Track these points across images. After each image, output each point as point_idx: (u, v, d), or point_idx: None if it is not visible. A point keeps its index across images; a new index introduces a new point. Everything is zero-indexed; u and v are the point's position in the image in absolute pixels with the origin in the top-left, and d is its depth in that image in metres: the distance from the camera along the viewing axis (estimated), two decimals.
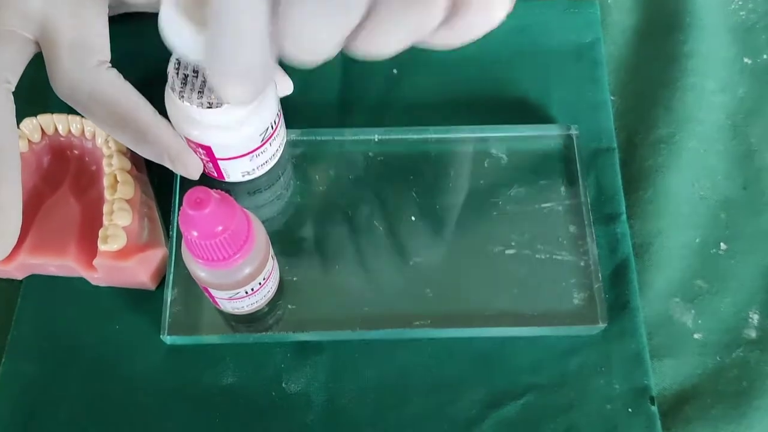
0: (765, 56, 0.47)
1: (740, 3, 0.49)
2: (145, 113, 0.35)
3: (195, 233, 0.29)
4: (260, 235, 0.33)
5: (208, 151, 0.36)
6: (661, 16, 0.48)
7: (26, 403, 0.37)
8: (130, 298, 0.39)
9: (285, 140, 0.41)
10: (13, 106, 0.34)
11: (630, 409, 0.37)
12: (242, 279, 0.33)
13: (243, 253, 0.32)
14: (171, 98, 0.35)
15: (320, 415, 0.37)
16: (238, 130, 0.36)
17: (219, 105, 0.34)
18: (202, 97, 0.34)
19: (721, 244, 0.42)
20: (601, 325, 0.39)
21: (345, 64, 0.45)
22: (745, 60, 0.47)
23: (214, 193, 0.29)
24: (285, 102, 0.41)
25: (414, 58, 0.46)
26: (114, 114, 0.35)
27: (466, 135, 0.43)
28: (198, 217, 0.29)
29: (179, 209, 0.40)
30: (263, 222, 0.41)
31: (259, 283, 0.35)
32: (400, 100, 0.45)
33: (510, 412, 0.37)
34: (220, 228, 0.30)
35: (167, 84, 0.34)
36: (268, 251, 0.34)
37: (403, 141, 0.43)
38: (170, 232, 0.40)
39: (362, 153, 0.42)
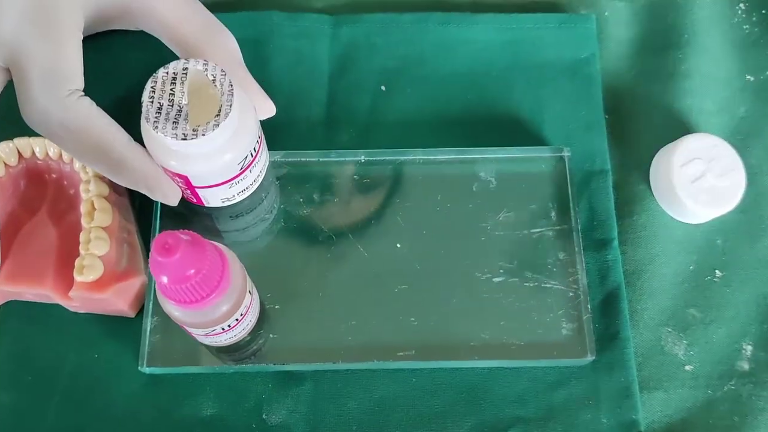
0: None
1: (744, 17, 0.47)
2: (120, 143, 0.34)
3: (165, 279, 0.28)
4: (236, 272, 0.32)
5: (185, 180, 0.35)
6: (660, 31, 0.46)
7: None
8: (109, 325, 0.39)
9: (267, 165, 0.40)
10: None
11: None
12: (219, 317, 0.32)
13: (218, 293, 0.31)
14: (146, 128, 0.34)
15: None
16: (216, 159, 0.34)
17: (194, 136, 0.33)
18: (176, 128, 0.33)
19: (717, 271, 0.41)
20: (590, 358, 0.38)
21: (332, 80, 0.44)
22: (748, 77, 0.46)
23: (183, 236, 0.28)
24: (269, 122, 0.40)
25: (403, 74, 0.45)
26: (87, 144, 0.34)
27: (454, 157, 0.42)
28: (167, 264, 0.28)
29: (159, 232, 0.39)
30: (246, 244, 0.40)
31: (236, 319, 0.34)
32: (388, 118, 0.44)
33: None
34: (192, 271, 0.29)
35: (142, 114, 0.33)
36: (245, 287, 0.33)
37: (390, 162, 0.42)
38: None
39: (348, 175, 0.41)
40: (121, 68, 0.43)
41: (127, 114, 0.37)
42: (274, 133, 0.41)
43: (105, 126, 0.34)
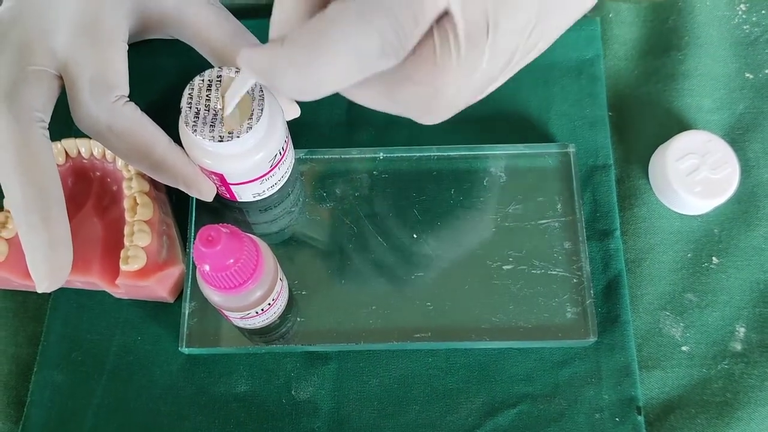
0: (767, 71, 0.48)
1: (744, 17, 0.49)
2: (161, 144, 0.38)
3: (207, 267, 0.32)
4: (269, 261, 0.36)
5: (220, 177, 0.39)
6: (662, 32, 0.49)
7: (56, 409, 0.40)
8: (150, 310, 0.42)
9: (293, 162, 0.43)
10: (51, 145, 0.36)
11: (617, 419, 0.40)
12: (253, 301, 0.36)
13: (253, 280, 0.34)
14: (185, 131, 0.37)
15: (327, 422, 0.40)
16: (248, 158, 0.38)
17: (229, 138, 0.36)
18: (213, 130, 0.36)
19: (713, 258, 0.44)
20: (593, 339, 0.41)
21: None
22: (747, 75, 0.48)
23: (224, 229, 0.31)
24: (295, 123, 0.43)
25: None
26: (132, 145, 0.37)
27: (467, 153, 0.45)
28: (210, 254, 0.31)
29: (196, 227, 0.42)
30: (274, 235, 0.44)
31: (269, 304, 0.37)
32: (404, 118, 0.46)
33: (504, 420, 0.40)
34: (231, 261, 0.32)
35: (181, 117, 0.37)
36: (276, 275, 0.37)
37: (406, 159, 0.45)
38: (187, 248, 0.42)
39: (367, 171, 0.45)
40: (159, 74, 0.46)
41: (163, 115, 0.40)
42: (298, 132, 0.44)
43: (148, 128, 0.38)
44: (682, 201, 0.43)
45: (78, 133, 0.41)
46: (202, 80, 0.37)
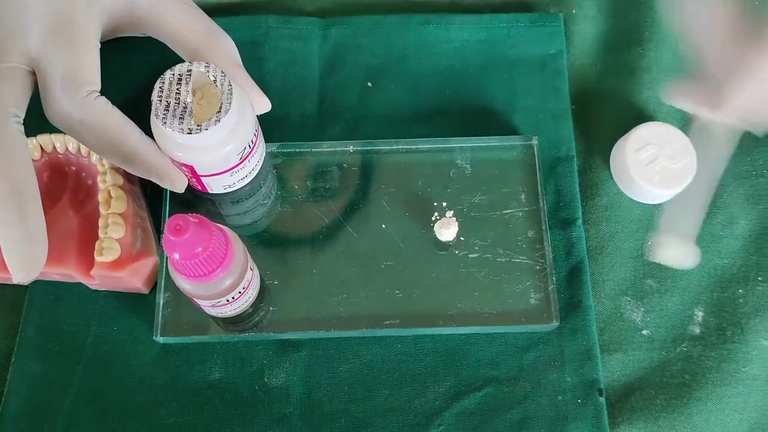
0: None
1: None
2: (133, 137, 0.39)
3: (177, 255, 0.33)
4: (238, 250, 0.37)
5: (191, 169, 0.40)
6: (623, 27, 0.50)
7: (34, 398, 0.41)
8: (125, 301, 0.43)
9: (264, 155, 0.44)
10: (26, 141, 0.37)
11: (580, 400, 0.41)
12: (223, 290, 0.37)
13: (222, 269, 0.35)
14: (155, 123, 0.38)
15: (298, 407, 0.41)
16: (218, 150, 0.39)
17: (198, 131, 0.37)
18: (182, 123, 0.37)
19: None
20: (555, 324, 0.42)
21: (322, 77, 0.48)
22: None
23: (192, 219, 0.32)
24: (266, 116, 0.44)
25: (387, 71, 0.49)
26: (103, 139, 0.38)
27: (434, 146, 0.46)
28: (178, 242, 0.32)
29: (169, 218, 0.43)
30: (246, 226, 0.45)
31: (239, 292, 0.38)
32: (374, 111, 0.48)
33: (470, 403, 0.41)
34: (199, 249, 0.33)
35: (152, 111, 0.38)
36: (246, 264, 0.38)
37: (375, 152, 0.46)
38: (161, 240, 0.43)
39: (338, 164, 0.46)
40: (132, 70, 0.47)
41: (137, 110, 0.41)
42: (270, 126, 0.45)
43: (119, 122, 0.39)
44: (642, 190, 0.45)
45: (53, 129, 0.42)
46: (173, 74, 0.38)
